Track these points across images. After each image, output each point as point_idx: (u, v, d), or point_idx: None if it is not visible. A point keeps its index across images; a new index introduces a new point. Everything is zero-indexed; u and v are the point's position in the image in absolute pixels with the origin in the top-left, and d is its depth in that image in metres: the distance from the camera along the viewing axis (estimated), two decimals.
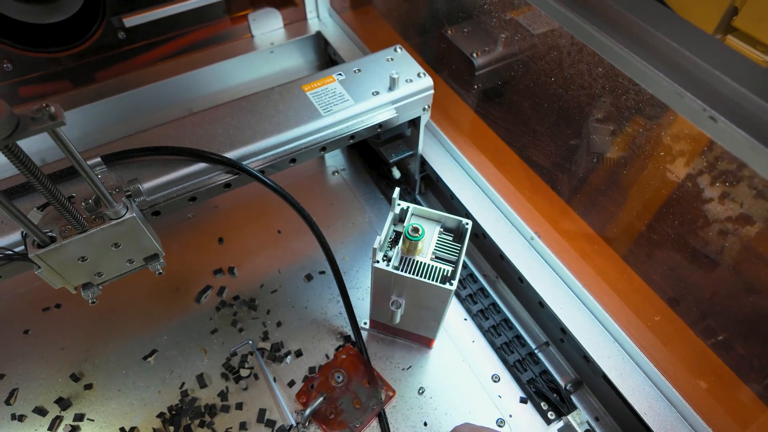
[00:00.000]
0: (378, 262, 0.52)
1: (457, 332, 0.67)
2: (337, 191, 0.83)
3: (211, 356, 0.64)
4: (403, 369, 0.64)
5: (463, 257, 0.53)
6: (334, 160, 0.88)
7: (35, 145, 0.75)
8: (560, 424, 0.53)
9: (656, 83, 0.33)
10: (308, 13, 0.93)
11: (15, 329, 0.66)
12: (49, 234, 0.45)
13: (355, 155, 0.87)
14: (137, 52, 0.84)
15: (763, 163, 0.29)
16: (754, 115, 0.29)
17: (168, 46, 0.86)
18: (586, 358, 0.57)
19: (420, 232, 0.53)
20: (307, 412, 0.58)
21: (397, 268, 0.53)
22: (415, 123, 0.68)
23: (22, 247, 0.45)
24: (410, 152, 0.73)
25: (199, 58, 0.88)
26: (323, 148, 0.59)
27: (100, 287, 0.51)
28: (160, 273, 0.53)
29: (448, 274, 0.53)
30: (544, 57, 0.59)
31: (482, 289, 0.69)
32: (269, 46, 0.90)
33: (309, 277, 0.72)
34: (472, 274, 0.71)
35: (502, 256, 0.65)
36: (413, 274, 0.52)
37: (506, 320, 0.67)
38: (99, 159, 0.51)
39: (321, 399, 0.59)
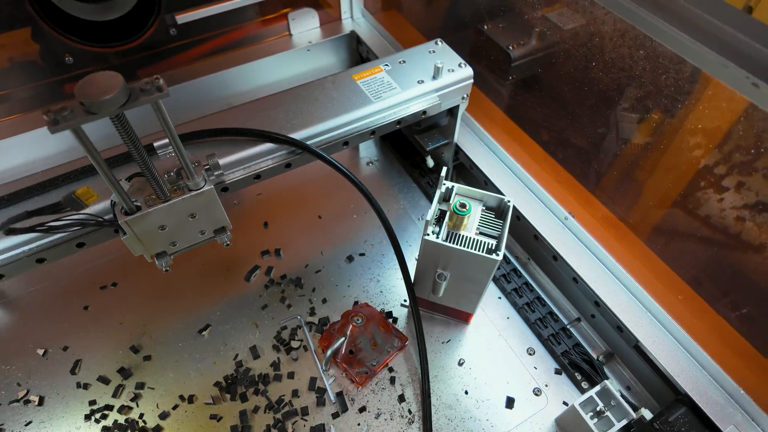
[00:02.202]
0: (428, 234, 0.56)
1: (493, 309, 0.71)
2: (371, 180, 0.87)
3: (263, 330, 0.68)
4: (442, 342, 0.67)
5: (506, 231, 0.57)
6: (368, 151, 0.92)
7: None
8: (597, 388, 0.57)
9: (701, 57, 0.38)
10: (343, 13, 0.98)
11: (75, 306, 0.70)
12: (136, 203, 0.49)
13: (387, 147, 0.92)
14: (184, 48, 0.89)
15: None
16: None
17: (212, 43, 0.91)
18: (620, 328, 0.60)
19: (467, 207, 0.57)
20: (329, 352, 0.61)
21: (445, 241, 0.57)
22: (452, 112, 0.72)
23: (110, 216, 0.50)
24: (446, 141, 0.77)
25: (240, 55, 0.93)
26: (373, 132, 0.64)
27: (172, 257, 0.55)
28: (227, 245, 0.57)
29: (493, 247, 0.57)
30: (582, 45, 0.63)
31: (515, 270, 0.73)
32: (306, 44, 0.95)
33: (350, 259, 0.76)
34: (504, 257, 0.75)
35: (536, 236, 0.69)
36: (460, 246, 0.56)
37: (539, 298, 0.70)
38: None
39: (342, 339, 0.62)
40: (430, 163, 0.83)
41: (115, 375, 0.64)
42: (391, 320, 0.69)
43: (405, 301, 0.71)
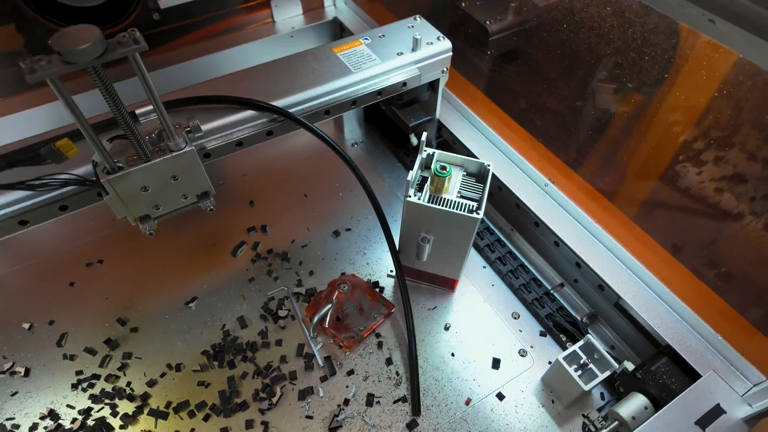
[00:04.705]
0: (410, 196, 0.57)
1: (478, 278, 0.71)
2: (357, 160, 0.87)
3: (250, 301, 0.68)
4: (428, 309, 0.68)
5: (486, 193, 0.58)
6: (353, 133, 0.93)
7: None
8: (580, 343, 0.58)
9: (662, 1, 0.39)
10: (325, 0, 0.99)
11: (61, 282, 0.70)
12: (118, 164, 0.49)
13: (372, 129, 0.93)
14: (167, 34, 0.90)
15: (757, 52, 0.34)
16: (744, 15, 0.34)
17: (197, 29, 0.92)
18: (601, 286, 0.61)
19: (447, 170, 0.58)
20: (316, 318, 0.62)
21: (427, 203, 0.58)
22: (433, 87, 0.74)
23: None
24: (428, 117, 0.78)
25: (223, 41, 0.94)
26: (354, 102, 0.65)
27: (156, 222, 0.56)
28: (210, 210, 0.57)
29: (474, 208, 0.58)
30: (559, 18, 0.65)
31: (499, 240, 0.74)
32: (290, 30, 0.96)
33: (336, 233, 0.77)
34: (488, 228, 0.76)
35: (518, 205, 0.70)
36: (442, 206, 0.57)
37: (522, 266, 0.71)
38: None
39: (328, 306, 0.63)
40: (414, 141, 0.84)
41: (101, 346, 0.64)
42: (378, 290, 0.70)
43: (391, 271, 0.72)
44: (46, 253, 0.73)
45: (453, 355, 0.64)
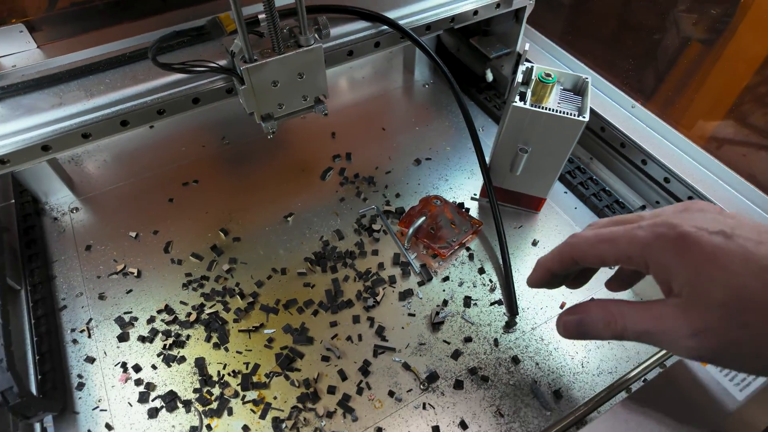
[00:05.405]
0: (516, 102, 0.60)
1: (560, 201, 0.74)
2: (430, 98, 0.91)
3: (343, 218, 0.71)
4: (515, 228, 0.71)
5: (588, 103, 0.60)
6: (423, 75, 0.96)
7: None
8: None
9: None
10: None
11: (160, 198, 0.73)
12: (254, 56, 0.52)
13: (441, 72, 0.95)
14: None
15: None
16: None
17: None
18: (690, 198, 0.64)
19: (552, 77, 0.60)
20: (411, 229, 0.65)
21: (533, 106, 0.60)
22: (518, 16, 0.76)
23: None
24: (508, 50, 0.81)
25: None
26: (452, 20, 0.67)
27: (276, 123, 0.59)
28: (325, 114, 0.60)
29: (576, 114, 0.60)
30: None
31: (579, 168, 0.77)
32: None
33: (417, 162, 0.79)
34: (569, 159, 0.78)
35: (603, 128, 0.72)
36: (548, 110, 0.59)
37: (604, 189, 0.74)
38: None
39: (423, 218, 0.66)
40: (489, 77, 0.86)
41: (207, 252, 0.67)
42: (463, 210, 0.72)
43: (475, 194, 0.74)
44: (142, 174, 0.76)
45: None
